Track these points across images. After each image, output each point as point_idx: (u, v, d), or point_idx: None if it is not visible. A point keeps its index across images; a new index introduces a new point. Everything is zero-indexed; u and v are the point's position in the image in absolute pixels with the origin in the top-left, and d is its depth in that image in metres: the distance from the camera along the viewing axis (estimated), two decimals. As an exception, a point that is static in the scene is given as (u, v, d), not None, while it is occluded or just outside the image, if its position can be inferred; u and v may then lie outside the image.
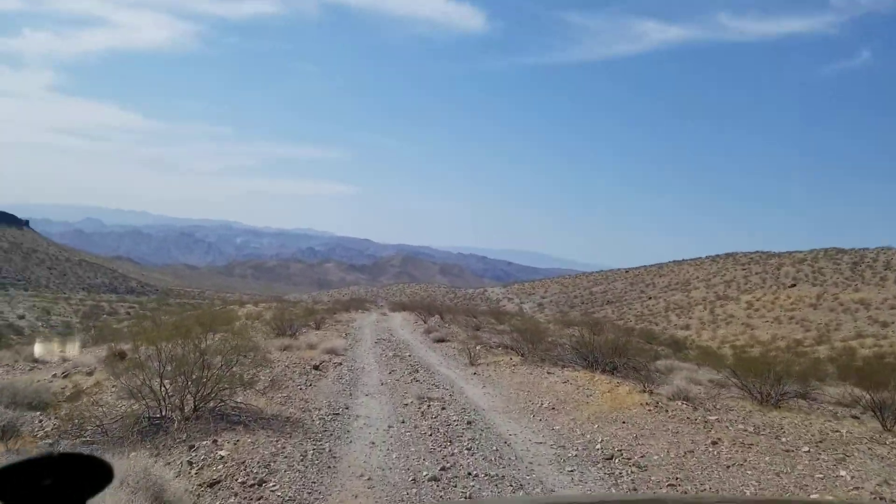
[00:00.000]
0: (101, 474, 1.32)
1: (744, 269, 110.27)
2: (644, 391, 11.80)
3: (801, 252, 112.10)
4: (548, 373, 15.06)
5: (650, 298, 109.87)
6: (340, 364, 16.22)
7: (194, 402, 8.68)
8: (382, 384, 13.77)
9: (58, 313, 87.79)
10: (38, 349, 20.53)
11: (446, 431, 9.51)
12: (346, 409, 10.92)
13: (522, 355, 19.04)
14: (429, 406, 11.32)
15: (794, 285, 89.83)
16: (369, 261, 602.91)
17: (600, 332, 38.41)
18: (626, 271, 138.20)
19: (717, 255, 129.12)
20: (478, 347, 22.09)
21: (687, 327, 75.83)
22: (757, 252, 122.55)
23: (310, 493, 6.64)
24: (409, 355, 20.02)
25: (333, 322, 33.49)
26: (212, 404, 8.82)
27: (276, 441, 8.08)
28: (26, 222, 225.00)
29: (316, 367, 14.74)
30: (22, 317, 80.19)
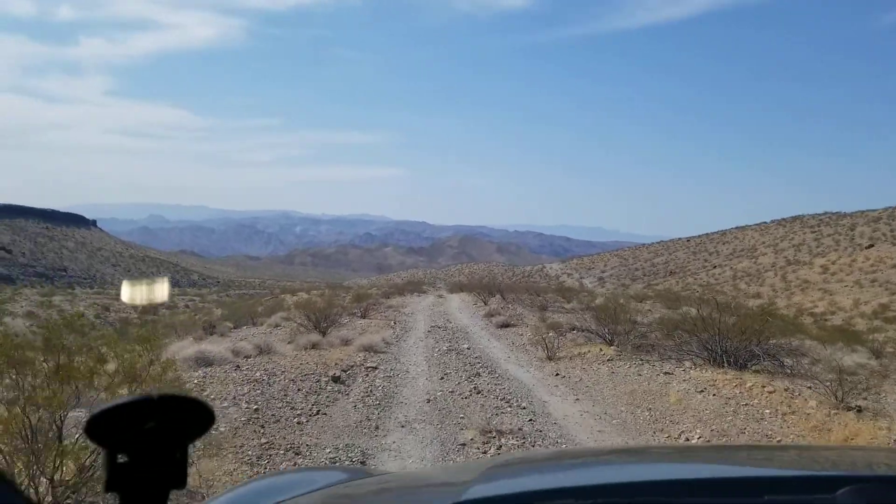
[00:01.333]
0: (203, 417, 1.19)
1: (813, 232, 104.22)
2: (848, 407, 7.11)
3: (874, 211, 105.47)
4: (665, 373, 10.42)
5: (715, 267, 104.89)
6: (376, 368, 11.87)
7: (52, 495, 4.39)
8: (429, 401, 9.28)
9: (116, 310, 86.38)
10: None
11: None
12: (362, 462, 6.47)
13: (612, 343, 14.42)
14: (500, 448, 6.85)
15: (871, 246, 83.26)
16: (427, 243, 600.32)
17: (678, 306, 33.12)
18: (688, 240, 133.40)
19: (783, 219, 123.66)
20: (550, 333, 17.57)
21: (758, 295, 69.95)
22: (825, 213, 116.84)
23: None
24: (468, 348, 15.60)
25: (384, 308, 29.36)
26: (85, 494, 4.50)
27: None
28: (94, 222, 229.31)
29: (336, 379, 10.33)
30: (81, 314, 78.64)
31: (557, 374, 11.61)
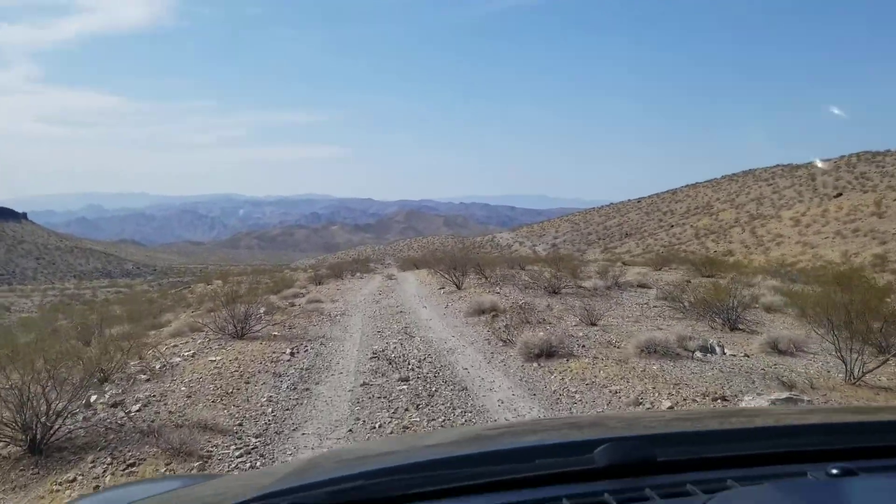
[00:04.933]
0: None
1: (769, 185, 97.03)
2: None
3: (828, 160, 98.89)
4: None
5: (673, 226, 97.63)
6: None
7: None
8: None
9: (20, 309, 72.77)
10: None
11: None
12: None
13: None
14: None
15: (840, 195, 75.53)
16: (373, 219, 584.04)
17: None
18: (639, 201, 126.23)
19: (734, 174, 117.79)
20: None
21: (730, 253, 61.70)
22: (777, 166, 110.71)
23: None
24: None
25: (302, 306, 17.56)
26: None
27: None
28: (24, 215, 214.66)
29: None
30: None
31: None
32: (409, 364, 8.76)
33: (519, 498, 1.19)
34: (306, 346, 10.47)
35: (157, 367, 8.80)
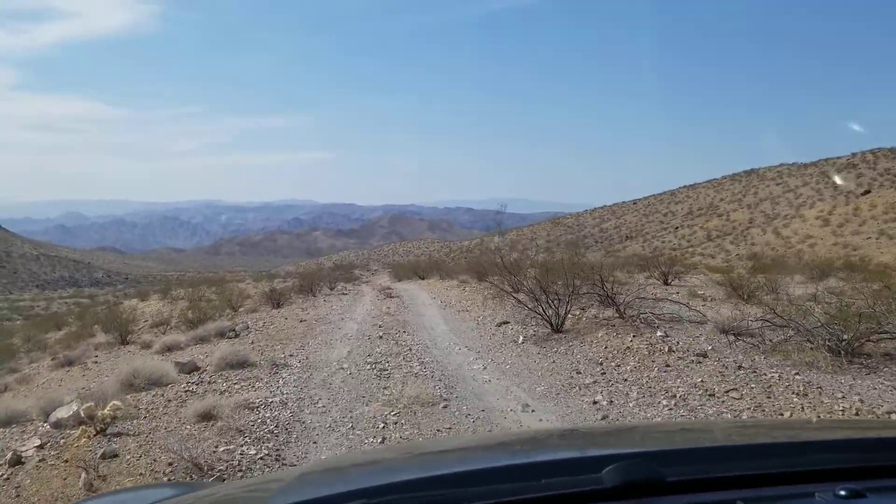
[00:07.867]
0: None
1: (779, 185, 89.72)
2: None
3: (839, 158, 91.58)
4: None
5: (678, 228, 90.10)
6: None
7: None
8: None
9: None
10: None
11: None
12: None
13: None
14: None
15: (868, 192, 68.06)
16: (357, 224, 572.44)
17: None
18: (634, 203, 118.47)
19: (736, 174, 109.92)
20: None
21: (754, 256, 53.85)
22: (782, 165, 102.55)
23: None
24: None
25: (181, 406, 7.23)
26: None
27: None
28: None
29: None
30: None
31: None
32: None
33: None
34: None
35: None
